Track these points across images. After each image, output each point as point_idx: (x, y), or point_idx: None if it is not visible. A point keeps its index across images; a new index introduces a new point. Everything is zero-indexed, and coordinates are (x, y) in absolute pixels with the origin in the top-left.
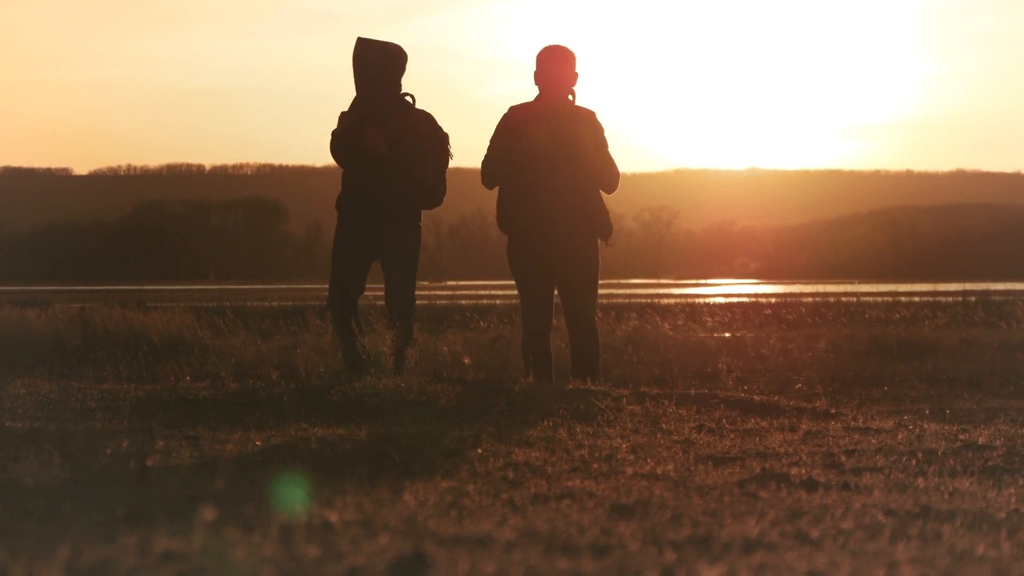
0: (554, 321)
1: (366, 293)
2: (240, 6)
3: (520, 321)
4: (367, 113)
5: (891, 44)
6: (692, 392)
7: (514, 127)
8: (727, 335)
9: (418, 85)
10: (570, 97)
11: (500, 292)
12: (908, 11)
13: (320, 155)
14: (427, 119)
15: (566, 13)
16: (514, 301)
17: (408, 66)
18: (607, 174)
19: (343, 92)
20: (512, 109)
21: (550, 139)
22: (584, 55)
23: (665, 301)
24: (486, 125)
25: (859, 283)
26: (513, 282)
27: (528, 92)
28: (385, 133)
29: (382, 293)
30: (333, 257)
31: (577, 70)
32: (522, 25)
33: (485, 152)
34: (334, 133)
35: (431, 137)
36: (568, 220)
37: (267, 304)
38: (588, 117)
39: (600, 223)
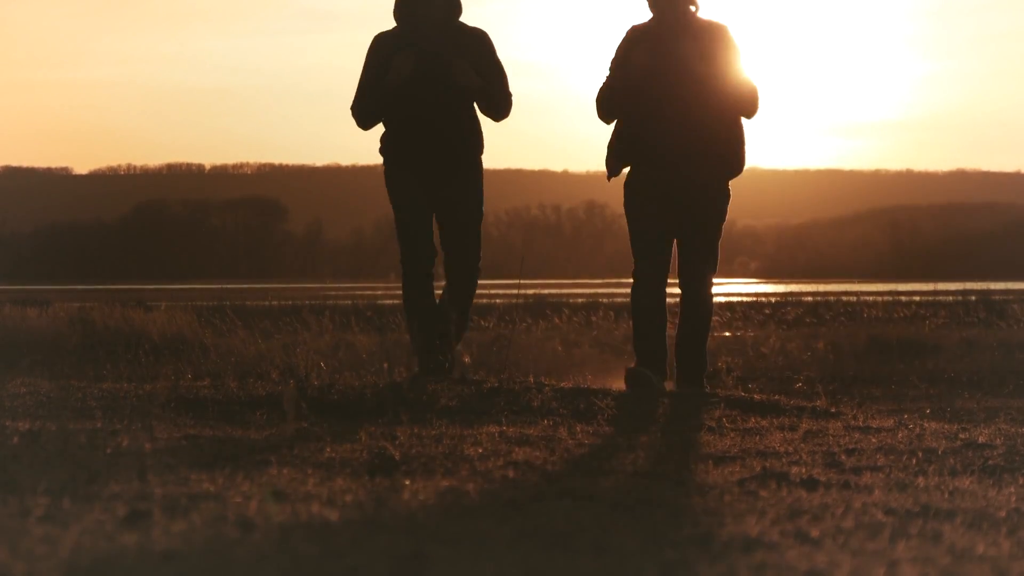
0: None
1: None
2: (242, 5)
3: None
4: (432, 45)
5: (890, 43)
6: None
7: (624, 51)
8: (727, 334)
9: None
10: (693, 8)
11: (500, 292)
12: (907, 9)
13: (320, 154)
14: (484, 35)
15: (567, 13)
16: (514, 301)
17: None
18: (738, 94)
19: (344, 92)
20: (630, 29)
21: (655, 61)
22: (584, 55)
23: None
24: (487, 125)
25: (859, 283)
26: (508, 281)
27: (528, 95)
28: (468, 60)
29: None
30: (396, 211)
31: None
32: (523, 25)
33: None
34: (374, 89)
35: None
36: (687, 154)
37: (267, 303)
38: (708, 32)
39: (727, 157)
